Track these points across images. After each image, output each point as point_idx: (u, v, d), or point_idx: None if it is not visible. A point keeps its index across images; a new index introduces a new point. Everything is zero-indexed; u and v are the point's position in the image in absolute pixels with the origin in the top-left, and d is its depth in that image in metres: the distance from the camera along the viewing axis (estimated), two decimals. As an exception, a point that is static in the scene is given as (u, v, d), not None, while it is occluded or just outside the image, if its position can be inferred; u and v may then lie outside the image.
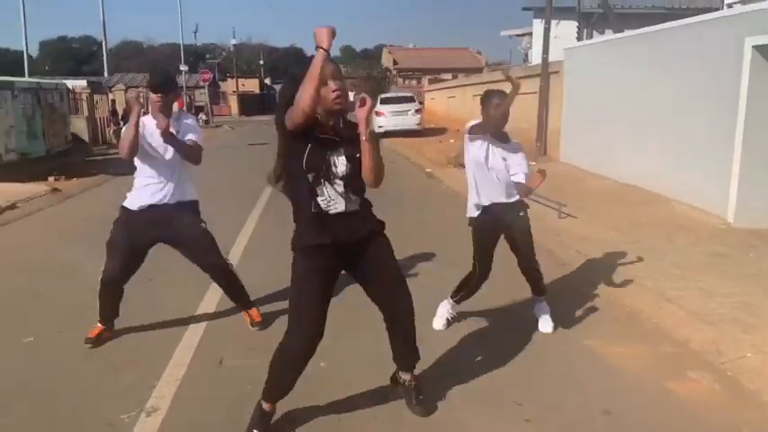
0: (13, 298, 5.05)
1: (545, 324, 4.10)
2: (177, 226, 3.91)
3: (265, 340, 3.72)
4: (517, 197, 3.91)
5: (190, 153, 3.86)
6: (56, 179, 11.60)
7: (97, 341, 3.98)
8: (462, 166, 4.40)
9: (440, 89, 29.34)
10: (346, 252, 2.80)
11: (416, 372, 3.15)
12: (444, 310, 4.19)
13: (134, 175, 3.97)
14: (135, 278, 4.08)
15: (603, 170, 10.04)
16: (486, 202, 3.89)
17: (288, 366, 2.82)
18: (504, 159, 3.83)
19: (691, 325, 4.02)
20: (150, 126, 3.80)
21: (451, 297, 4.16)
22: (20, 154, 12.25)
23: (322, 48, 2.48)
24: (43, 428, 3.03)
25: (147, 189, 3.88)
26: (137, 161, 3.88)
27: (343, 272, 2.92)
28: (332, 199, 2.71)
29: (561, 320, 4.18)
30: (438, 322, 4.17)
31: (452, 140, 17.90)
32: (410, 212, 8.13)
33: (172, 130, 3.73)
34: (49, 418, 3.12)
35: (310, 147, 2.65)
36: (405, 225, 7.17)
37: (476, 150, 3.82)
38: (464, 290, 4.10)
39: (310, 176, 2.68)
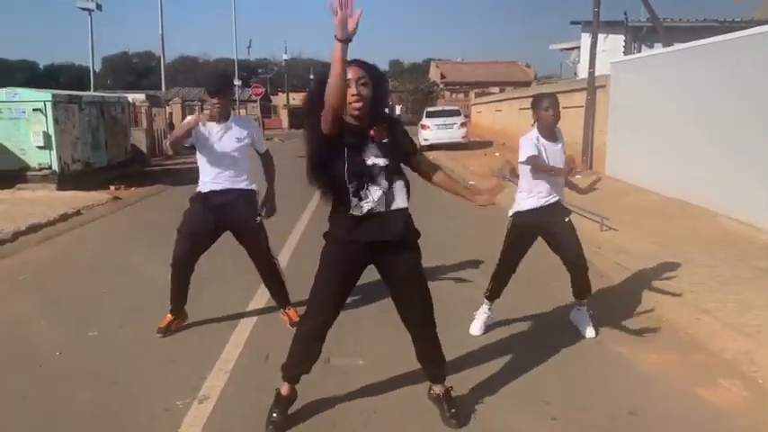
0: (81, 296, 5.46)
1: (589, 330, 4.20)
2: (235, 215, 4.28)
3: (308, 338, 3.97)
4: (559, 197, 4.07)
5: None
6: (116, 188, 12.26)
7: (167, 330, 4.36)
8: (504, 178, 4.56)
9: (486, 102, 29.39)
10: (376, 250, 2.89)
11: (449, 383, 3.21)
12: (482, 314, 4.35)
13: (198, 167, 4.34)
14: (193, 278, 4.41)
15: (649, 184, 9.96)
16: (535, 205, 4.03)
17: (301, 344, 3.06)
18: (561, 156, 4.03)
19: (725, 336, 4.06)
20: (209, 126, 4.19)
21: (484, 295, 4.33)
22: (84, 164, 12.99)
23: (338, 39, 2.40)
24: (106, 411, 3.33)
25: (211, 178, 4.26)
26: (200, 157, 4.27)
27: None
28: (375, 200, 2.77)
29: (595, 328, 4.28)
30: (475, 326, 4.32)
31: (497, 153, 17.94)
32: (448, 222, 8.28)
33: (232, 126, 4.23)
34: (111, 402, 3.43)
35: (348, 153, 2.71)
36: (442, 234, 7.36)
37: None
38: (491, 284, 4.27)
39: (353, 185, 2.74)
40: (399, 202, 2.84)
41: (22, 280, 6.04)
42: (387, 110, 3.10)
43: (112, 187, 12.28)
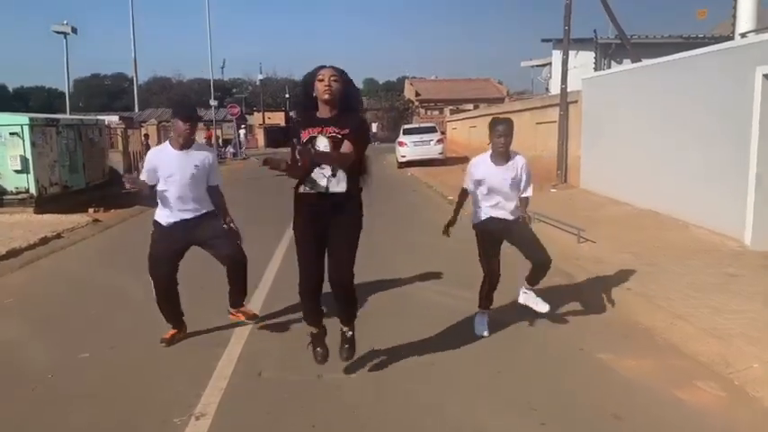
0: (68, 318, 5.47)
1: (541, 305, 4.56)
2: (202, 227, 4.49)
3: (299, 353, 4.07)
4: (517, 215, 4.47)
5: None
6: (95, 211, 12.17)
7: (171, 342, 4.53)
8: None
9: (461, 119, 29.85)
10: (320, 216, 3.52)
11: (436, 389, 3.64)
12: (481, 319, 4.60)
13: (158, 196, 4.46)
14: (181, 293, 4.52)
15: (623, 196, 10.26)
16: (485, 217, 4.47)
17: (302, 303, 3.75)
18: (505, 180, 4.39)
19: (700, 340, 4.25)
20: (169, 153, 4.40)
21: (479, 307, 4.60)
22: (62, 186, 12.89)
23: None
24: (105, 430, 3.37)
25: (173, 208, 4.42)
26: (159, 186, 4.42)
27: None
28: (314, 182, 3.48)
29: (577, 336, 4.46)
30: (479, 329, 4.57)
31: (474, 169, 18.20)
32: (428, 237, 8.42)
33: (197, 161, 4.43)
34: (109, 422, 3.48)
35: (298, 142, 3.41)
36: (424, 248, 7.51)
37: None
38: (481, 295, 4.54)
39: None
40: (339, 187, 3.47)
41: (7, 304, 6.01)
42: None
43: (91, 210, 12.19)
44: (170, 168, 4.37)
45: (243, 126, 40.85)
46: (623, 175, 10.44)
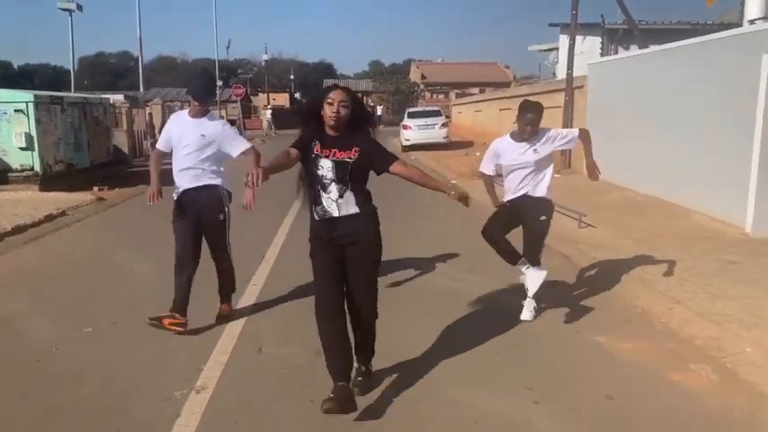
0: (72, 294, 5.54)
1: (526, 312, 4.55)
2: (202, 202, 4.45)
3: (299, 331, 4.15)
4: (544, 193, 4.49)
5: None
6: (100, 189, 12.24)
7: (157, 323, 4.36)
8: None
9: (467, 103, 29.70)
10: (336, 245, 3.27)
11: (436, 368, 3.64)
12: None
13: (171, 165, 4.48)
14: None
15: (626, 182, 10.25)
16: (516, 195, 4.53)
17: (318, 323, 3.22)
18: (536, 152, 4.40)
19: (696, 324, 4.29)
20: (185, 119, 4.45)
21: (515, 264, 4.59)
22: (67, 164, 12.95)
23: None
24: (107, 403, 3.44)
25: (183, 177, 4.43)
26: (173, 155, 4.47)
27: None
28: (326, 207, 3.23)
29: (574, 319, 4.51)
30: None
31: (478, 153, 18.19)
32: (432, 221, 8.47)
33: (203, 132, 4.38)
34: (111, 394, 3.55)
35: (307, 162, 3.26)
36: (428, 233, 7.55)
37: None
38: (505, 259, 4.58)
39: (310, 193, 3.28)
40: (350, 208, 3.23)
41: (12, 279, 6.09)
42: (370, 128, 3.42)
43: (96, 188, 12.26)
44: (181, 132, 4.41)
45: (269, 108, 41.83)
46: (627, 161, 10.41)
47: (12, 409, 3.42)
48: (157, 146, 4.65)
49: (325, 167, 3.19)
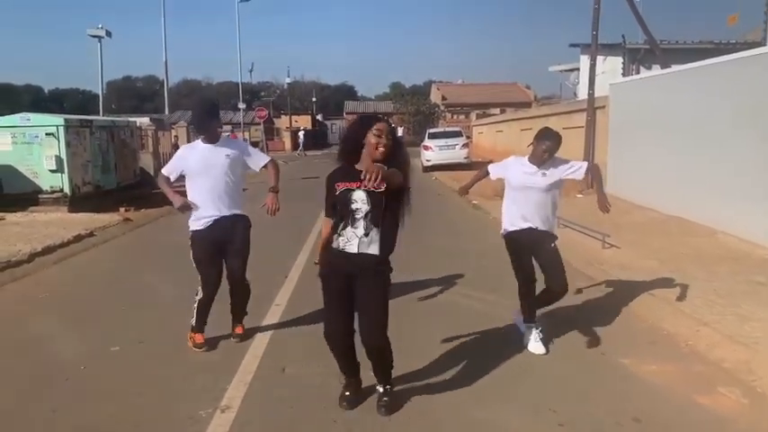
0: (100, 313, 5.65)
1: (538, 345, 4.37)
2: (230, 235, 4.49)
3: (322, 351, 4.10)
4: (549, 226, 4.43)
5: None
6: (126, 210, 12.46)
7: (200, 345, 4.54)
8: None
9: (488, 124, 29.73)
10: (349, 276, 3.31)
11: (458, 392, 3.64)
12: (535, 335, 4.42)
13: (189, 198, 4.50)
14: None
15: (649, 202, 10.15)
16: (512, 228, 4.45)
17: (330, 346, 3.43)
18: (545, 175, 4.37)
19: (725, 346, 4.22)
20: (200, 147, 4.49)
21: (524, 321, 4.50)
22: (95, 186, 13.23)
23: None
24: (134, 422, 3.49)
25: (213, 201, 4.45)
26: (188, 183, 4.52)
27: None
28: (348, 240, 3.26)
29: (599, 341, 4.47)
30: (537, 347, 4.36)
31: (500, 174, 18.14)
32: (454, 240, 8.47)
33: (228, 151, 4.47)
34: (137, 412, 3.59)
35: (340, 193, 3.28)
36: (449, 251, 7.55)
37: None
38: (523, 307, 4.49)
39: (337, 221, 3.34)
40: (371, 249, 3.24)
41: (42, 299, 6.22)
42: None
43: (122, 209, 12.48)
44: (199, 158, 4.45)
45: (302, 129, 43.54)
46: (650, 180, 10.33)
47: (41, 426, 3.48)
48: (164, 171, 4.63)
49: (359, 200, 3.21)
